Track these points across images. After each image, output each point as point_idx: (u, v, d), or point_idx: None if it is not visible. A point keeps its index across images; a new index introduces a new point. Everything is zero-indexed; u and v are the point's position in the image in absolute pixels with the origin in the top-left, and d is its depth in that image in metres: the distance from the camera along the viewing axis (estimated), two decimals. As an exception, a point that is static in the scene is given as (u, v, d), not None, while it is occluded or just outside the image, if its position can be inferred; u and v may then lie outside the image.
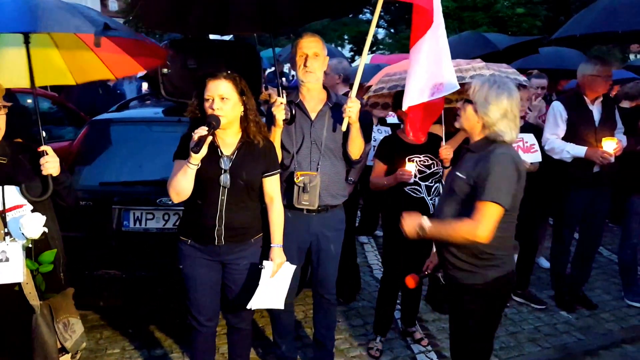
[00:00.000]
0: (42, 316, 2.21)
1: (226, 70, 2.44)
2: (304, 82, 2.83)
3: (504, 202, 2.13)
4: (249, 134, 2.51)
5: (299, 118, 2.82)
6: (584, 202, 3.96)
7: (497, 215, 2.14)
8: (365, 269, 4.82)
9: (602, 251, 5.12)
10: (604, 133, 3.79)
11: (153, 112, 3.96)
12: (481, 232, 2.13)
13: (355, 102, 2.69)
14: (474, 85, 2.26)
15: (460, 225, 2.19)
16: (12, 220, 2.16)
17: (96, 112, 5.68)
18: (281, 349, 3.11)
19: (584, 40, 4.30)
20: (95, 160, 3.41)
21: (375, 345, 3.44)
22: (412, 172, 3.10)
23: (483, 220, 2.13)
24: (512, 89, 2.23)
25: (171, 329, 3.64)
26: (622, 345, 3.59)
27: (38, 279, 2.21)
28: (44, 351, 2.20)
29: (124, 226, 3.24)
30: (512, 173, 2.17)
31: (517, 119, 2.24)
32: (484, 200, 2.14)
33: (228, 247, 2.54)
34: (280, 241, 2.64)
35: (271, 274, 2.57)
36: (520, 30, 14.00)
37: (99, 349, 3.41)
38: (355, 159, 2.88)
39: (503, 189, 2.13)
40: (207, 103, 2.40)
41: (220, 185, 2.45)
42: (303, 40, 2.79)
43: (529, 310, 4.07)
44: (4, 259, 2.09)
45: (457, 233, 2.20)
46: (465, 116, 2.30)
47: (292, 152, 2.83)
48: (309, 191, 2.74)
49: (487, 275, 2.25)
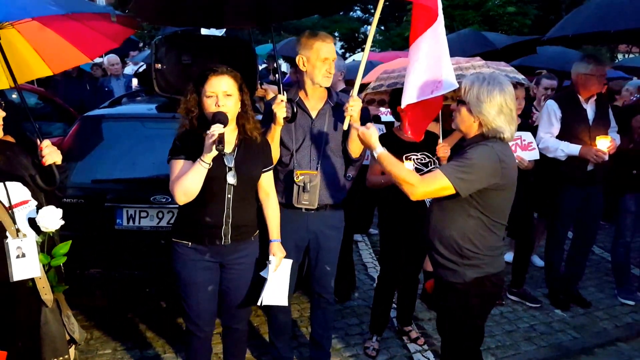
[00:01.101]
0: (51, 310, 2.20)
1: (227, 66, 2.39)
2: (318, 85, 2.76)
3: (457, 185, 2.13)
4: (246, 130, 2.46)
5: (299, 116, 2.78)
6: (578, 200, 3.97)
7: (439, 187, 2.16)
8: (359, 267, 4.80)
9: (594, 249, 5.15)
10: (598, 131, 3.80)
11: (146, 108, 3.88)
12: (417, 190, 2.18)
13: (357, 101, 2.66)
14: (464, 86, 2.24)
15: (407, 173, 2.23)
16: (20, 216, 2.14)
17: (84, 108, 5.61)
18: (277, 348, 3.08)
19: (574, 40, 4.31)
20: (87, 157, 3.33)
21: (372, 345, 3.42)
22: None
23: (423, 182, 2.17)
24: (503, 83, 2.20)
25: (164, 329, 3.58)
26: (617, 343, 3.61)
27: (51, 273, 2.21)
28: (53, 344, 2.20)
29: (117, 224, 3.17)
30: (489, 166, 2.14)
31: (514, 113, 2.22)
32: (442, 171, 2.16)
33: (232, 246, 2.48)
34: (278, 236, 2.62)
35: (274, 269, 2.55)
36: (511, 29, 14.10)
37: (90, 349, 3.34)
38: (355, 157, 2.85)
39: (466, 174, 2.12)
40: (211, 99, 2.33)
41: (227, 184, 2.40)
42: (324, 43, 2.70)
43: (524, 308, 4.08)
44: (21, 255, 2.07)
45: (398, 174, 2.24)
46: (460, 118, 2.28)
47: (292, 150, 2.79)
48: (309, 190, 2.71)
49: (467, 275, 2.25)
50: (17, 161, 2.22)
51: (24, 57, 2.79)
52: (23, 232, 2.13)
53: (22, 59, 2.79)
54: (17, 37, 2.72)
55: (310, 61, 2.71)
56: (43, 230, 2.15)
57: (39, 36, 2.76)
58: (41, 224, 2.13)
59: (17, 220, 2.13)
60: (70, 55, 2.90)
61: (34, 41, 2.79)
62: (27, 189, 2.20)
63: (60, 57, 2.92)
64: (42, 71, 2.92)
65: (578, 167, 3.85)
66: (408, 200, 3.14)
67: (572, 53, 5.99)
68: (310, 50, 2.69)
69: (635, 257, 4.58)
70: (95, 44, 2.95)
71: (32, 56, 2.83)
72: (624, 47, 15.18)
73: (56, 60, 2.93)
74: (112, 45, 3.02)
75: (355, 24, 26.99)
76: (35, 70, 2.90)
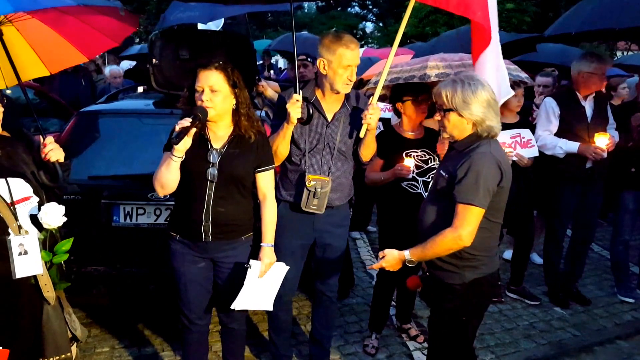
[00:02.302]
0: (53, 307, 2.19)
1: (218, 61, 2.36)
2: (336, 91, 2.65)
3: (479, 204, 2.11)
4: (240, 127, 2.42)
5: (315, 118, 2.69)
6: (576, 198, 3.96)
7: (475, 217, 2.12)
8: (358, 264, 4.79)
9: (592, 247, 5.14)
10: (596, 129, 3.78)
11: (144, 104, 3.84)
12: (463, 236, 2.12)
13: (376, 110, 2.59)
14: (444, 94, 2.19)
15: (442, 239, 2.16)
16: (22, 212, 2.12)
17: (79, 104, 5.56)
18: (276, 346, 3.05)
19: (575, 38, 4.28)
20: (83, 153, 3.29)
21: (371, 343, 3.40)
22: (410, 168, 3.05)
23: (463, 225, 2.12)
24: (480, 79, 2.21)
25: (162, 326, 3.56)
26: (617, 341, 3.60)
27: (53, 270, 2.19)
28: (56, 341, 2.18)
29: (113, 221, 3.14)
30: (493, 172, 2.14)
31: (497, 105, 2.22)
32: (461, 203, 2.12)
33: (216, 244, 2.46)
34: (271, 240, 2.54)
35: (259, 274, 2.48)
36: (509, 26, 14.05)
37: (88, 347, 3.32)
38: (365, 161, 2.83)
39: (481, 189, 2.10)
40: (197, 94, 2.32)
41: (208, 180, 2.37)
42: (348, 50, 2.53)
43: (523, 306, 4.06)
44: (23, 252, 2.06)
45: (442, 247, 2.18)
46: (452, 125, 2.23)
47: (304, 151, 2.72)
48: (319, 197, 2.65)
49: (465, 276, 2.24)
50: (17, 157, 2.20)
51: (21, 57, 2.73)
52: (25, 229, 2.11)
53: (20, 59, 2.72)
54: (15, 35, 2.68)
55: (331, 66, 2.57)
56: (45, 227, 2.14)
57: (37, 35, 2.71)
58: (43, 220, 2.11)
59: (19, 217, 2.10)
60: (68, 54, 2.85)
61: (33, 40, 2.74)
62: (29, 185, 2.18)
63: (58, 57, 2.87)
64: (40, 71, 2.87)
65: (576, 164, 3.83)
66: (404, 199, 3.16)
67: (572, 50, 5.96)
68: (333, 55, 2.55)
69: (634, 255, 4.57)
70: (95, 43, 2.89)
71: (30, 56, 2.78)
72: (623, 45, 15.17)
73: (54, 60, 2.89)
74: (111, 44, 2.96)
75: (353, 19, 26.90)
76: (33, 70, 2.85)
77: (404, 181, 3.15)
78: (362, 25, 27.76)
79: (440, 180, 2.26)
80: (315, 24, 24.41)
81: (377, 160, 3.22)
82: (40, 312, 2.17)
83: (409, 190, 3.17)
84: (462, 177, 2.12)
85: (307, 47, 5.70)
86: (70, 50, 2.82)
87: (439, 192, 2.26)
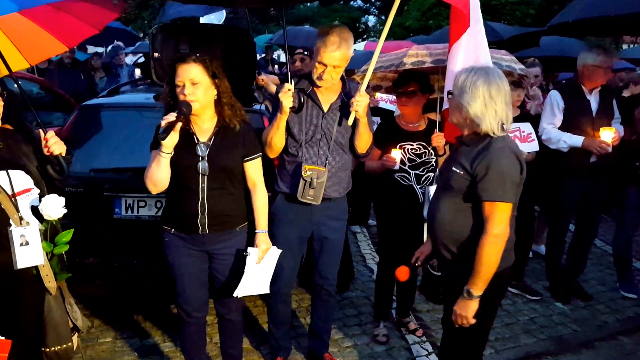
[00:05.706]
0: (54, 298, 2.21)
1: (195, 53, 2.36)
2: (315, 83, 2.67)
3: (508, 199, 2.10)
4: (224, 117, 2.43)
5: (310, 109, 2.70)
6: (580, 192, 3.93)
7: (505, 212, 2.11)
8: (358, 258, 4.79)
9: (595, 242, 5.11)
10: (601, 123, 3.75)
11: (144, 98, 3.85)
12: (499, 234, 2.10)
13: (363, 97, 2.58)
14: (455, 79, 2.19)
15: (484, 251, 2.10)
16: (23, 204, 2.14)
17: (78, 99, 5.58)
18: (275, 338, 3.06)
19: (577, 29, 4.24)
20: (85, 146, 3.31)
21: (381, 332, 3.43)
22: (395, 159, 3.06)
23: (493, 224, 2.09)
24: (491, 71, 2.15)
25: (163, 318, 3.58)
26: (618, 337, 3.58)
27: (54, 261, 2.21)
28: (57, 332, 2.21)
29: (115, 214, 3.16)
30: (515, 166, 2.13)
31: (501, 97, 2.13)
32: (489, 201, 2.10)
33: (213, 236, 2.48)
34: (265, 227, 2.58)
35: (257, 261, 2.52)
36: (514, 19, 13.96)
37: (90, 337, 3.35)
38: (362, 153, 2.81)
39: (507, 184, 2.09)
40: (178, 89, 2.32)
41: (199, 173, 2.39)
42: (324, 47, 2.51)
43: (524, 301, 4.06)
44: (24, 243, 2.08)
45: (489, 257, 2.11)
46: (452, 109, 2.26)
47: (300, 142, 2.72)
48: (315, 187, 2.65)
49: None
50: (18, 149, 2.21)
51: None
52: (26, 220, 2.13)
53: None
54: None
55: (312, 58, 2.64)
56: (46, 219, 2.16)
57: (15, 26, 2.64)
58: (44, 212, 2.13)
59: (20, 208, 2.12)
60: (48, 45, 2.79)
61: (10, 32, 2.66)
62: (30, 177, 2.20)
63: (37, 48, 2.82)
64: (19, 64, 2.80)
65: (581, 159, 3.80)
66: (396, 190, 3.17)
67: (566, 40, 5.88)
68: (315, 47, 2.58)
69: (637, 251, 4.55)
70: (75, 32, 2.83)
71: (8, 49, 2.69)
72: (629, 38, 15.05)
73: (34, 51, 2.82)
74: (92, 31, 2.89)
75: (355, 13, 26.77)
76: (12, 63, 2.72)
77: (396, 173, 3.18)
78: (365, 19, 27.62)
79: (454, 176, 2.20)
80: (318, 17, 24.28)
81: (376, 150, 3.22)
82: (41, 303, 2.20)
83: (400, 182, 3.21)
84: (484, 175, 2.10)
85: (309, 41, 5.69)
86: (49, 39, 2.76)
87: (454, 189, 2.21)
